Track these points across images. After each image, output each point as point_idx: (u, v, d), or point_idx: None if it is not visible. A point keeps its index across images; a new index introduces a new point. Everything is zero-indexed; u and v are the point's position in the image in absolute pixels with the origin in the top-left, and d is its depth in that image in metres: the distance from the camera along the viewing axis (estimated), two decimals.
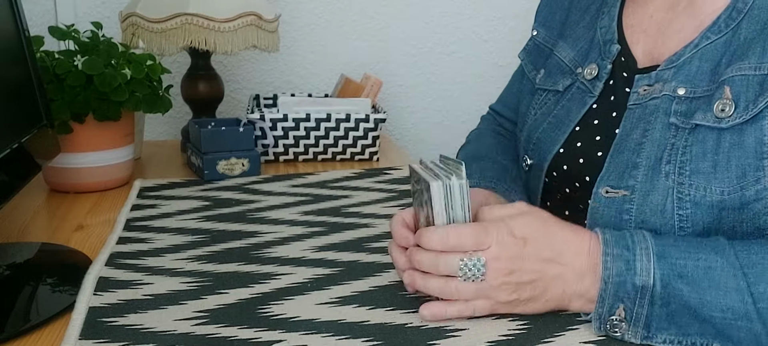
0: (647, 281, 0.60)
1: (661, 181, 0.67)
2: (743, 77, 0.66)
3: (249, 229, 0.89)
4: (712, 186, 0.65)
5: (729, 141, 0.65)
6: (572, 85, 0.82)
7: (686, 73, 0.71)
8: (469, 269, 0.62)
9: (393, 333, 0.62)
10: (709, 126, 0.66)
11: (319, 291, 0.71)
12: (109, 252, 0.81)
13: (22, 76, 0.87)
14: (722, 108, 0.66)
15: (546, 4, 0.93)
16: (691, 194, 0.66)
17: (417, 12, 1.58)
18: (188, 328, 0.63)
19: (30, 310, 0.69)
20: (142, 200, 1.01)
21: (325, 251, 0.82)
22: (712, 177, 0.65)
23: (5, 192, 0.78)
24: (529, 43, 0.93)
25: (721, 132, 0.65)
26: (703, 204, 0.65)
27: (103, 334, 0.62)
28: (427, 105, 1.65)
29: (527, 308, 0.64)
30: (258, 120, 1.19)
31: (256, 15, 1.19)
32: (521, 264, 0.63)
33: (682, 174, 0.66)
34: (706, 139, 0.66)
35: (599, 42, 0.81)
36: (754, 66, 0.66)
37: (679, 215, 0.66)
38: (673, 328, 0.60)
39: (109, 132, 1.05)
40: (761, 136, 0.64)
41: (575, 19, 0.87)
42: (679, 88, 0.70)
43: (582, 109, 0.79)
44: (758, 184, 0.63)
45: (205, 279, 0.74)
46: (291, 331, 0.63)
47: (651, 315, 0.60)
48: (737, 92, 0.66)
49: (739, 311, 0.58)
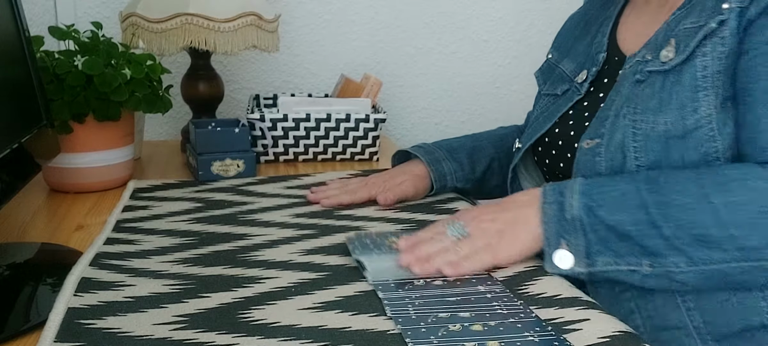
0: (575, 213, 0.73)
1: (621, 122, 0.80)
2: (685, 30, 0.79)
3: (238, 231, 0.89)
4: (658, 118, 0.77)
5: (671, 80, 0.78)
6: (568, 89, 0.95)
7: (653, 43, 0.83)
8: (453, 226, 0.79)
9: (373, 340, 0.61)
10: (656, 70, 0.79)
11: (302, 296, 0.70)
12: (95, 252, 0.80)
13: (22, 76, 0.87)
14: (666, 54, 0.79)
15: (561, 33, 1.08)
16: (642, 128, 0.78)
17: (417, 12, 1.58)
18: (166, 332, 0.62)
19: (30, 310, 0.69)
20: (135, 201, 1.00)
21: (313, 255, 0.81)
22: (659, 111, 0.77)
23: (5, 192, 0.78)
24: (544, 63, 1.07)
25: (666, 74, 0.78)
26: (652, 136, 0.77)
27: (80, 336, 0.61)
28: (427, 105, 1.65)
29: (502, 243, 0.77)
30: (258, 120, 1.19)
31: (256, 15, 1.19)
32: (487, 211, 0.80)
33: (637, 113, 0.79)
34: (655, 83, 0.79)
35: (592, 54, 0.95)
36: (694, 20, 0.79)
37: (634, 146, 0.78)
38: (607, 252, 0.72)
39: (109, 132, 1.05)
40: (694, 72, 0.76)
41: (580, 41, 1.01)
42: (647, 55, 0.83)
43: (568, 103, 0.93)
44: (696, 113, 0.75)
45: (189, 282, 0.73)
46: (269, 337, 0.61)
47: (589, 243, 0.72)
48: (678, 41, 0.79)
49: (644, 221, 0.70)
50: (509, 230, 0.77)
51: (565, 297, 0.69)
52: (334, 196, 1.01)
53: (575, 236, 0.73)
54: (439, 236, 0.79)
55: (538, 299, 0.69)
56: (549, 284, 0.72)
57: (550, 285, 0.72)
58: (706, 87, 0.75)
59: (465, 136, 1.12)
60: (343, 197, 1.01)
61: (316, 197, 1.01)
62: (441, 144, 1.08)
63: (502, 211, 0.79)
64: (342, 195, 1.01)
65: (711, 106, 0.75)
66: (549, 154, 0.94)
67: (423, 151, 1.06)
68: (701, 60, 0.76)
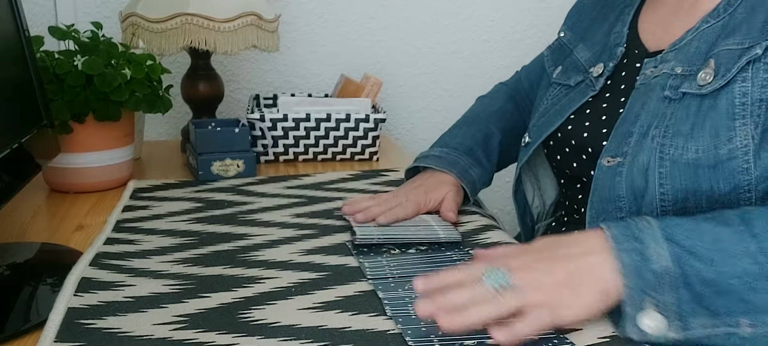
0: (664, 264, 0.60)
1: (647, 143, 0.73)
2: (728, 51, 0.72)
3: (239, 231, 0.89)
4: (688, 145, 0.70)
5: (707, 105, 0.71)
6: (582, 81, 0.90)
7: (685, 53, 0.77)
8: (494, 274, 0.62)
9: (373, 340, 0.61)
10: (692, 93, 0.72)
11: (302, 296, 0.70)
12: (95, 252, 0.80)
13: (22, 76, 0.87)
14: (704, 76, 0.72)
15: (576, 11, 1.02)
16: (670, 153, 0.71)
17: (417, 12, 1.58)
18: (166, 332, 0.62)
19: (30, 310, 0.69)
20: (135, 201, 1.00)
21: (313, 255, 0.81)
22: (690, 137, 0.70)
23: (5, 192, 0.78)
24: (554, 42, 1.02)
25: (703, 98, 0.72)
26: (680, 162, 0.70)
27: (80, 336, 0.61)
28: (427, 105, 1.65)
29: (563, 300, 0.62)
30: (258, 120, 1.19)
31: (256, 15, 1.19)
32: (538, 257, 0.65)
33: (666, 136, 0.72)
34: (690, 106, 0.72)
35: (610, 45, 0.89)
36: (739, 41, 0.72)
37: (659, 172, 0.71)
38: (703, 311, 0.59)
39: (109, 132, 1.05)
40: (733, 98, 0.69)
41: (597, 26, 0.95)
42: (677, 67, 0.76)
43: (581, 99, 0.87)
44: (730, 143, 0.68)
45: (189, 282, 0.73)
46: (269, 337, 0.61)
47: (680, 302, 0.59)
48: (719, 63, 0.72)
49: (755, 273, 0.59)
50: (572, 284, 0.62)
51: None
52: (388, 214, 0.89)
53: (664, 293, 0.60)
54: (472, 282, 0.63)
55: None
56: None
57: None
58: (745, 115, 0.69)
59: (466, 125, 1.05)
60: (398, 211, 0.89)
61: (364, 216, 0.89)
62: (456, 147, 1.00)
63: (558, 259, 0.64)
64: (396, 210, 0.90)
65: (748, 136, 0.68)
66: (561, 150, 0.89)
67: (446, 162, 0.97)
68: (740, 86, 0.70)
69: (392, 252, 0.81)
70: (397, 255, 0.80)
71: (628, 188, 0.74)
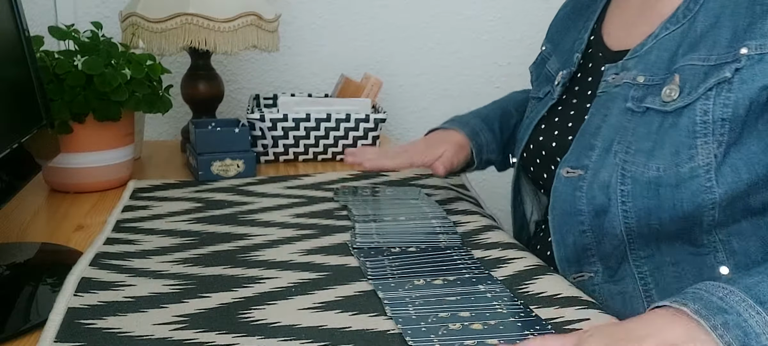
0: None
1: (610, 159, 0.73)
2: (692, 67, 0.71)
3: (239, 231, 0.89)
4: (650, 163, 0.70)
5: (669, 122, 0.70)
6: (550, 92, 0.90)
7: (646, 63, 0.76)
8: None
9: (373, 340, 0.61)
10: (656, 109, 0.72)
11: (302, 296, 0.70)
12: (95, 252, 0.80)
13: (22, 76, 0.87)
14: (669, 93, 0.71)
15: (554, 23, 1.02)
16: (631, 171, 0.71)
17: (417, 12, 1.58)
18: (166, 332, 0.62)
19: (30, 310, 0.69)
20: (135, 201, 1.00)
21: (314, 255, 0.81)
22: (651, 155, 0.70)
23: (5, 192, 0.78)
24: (538, 56, 1.01)
25: (666, 115, 0.71)
26: (641, 180, 0.70)
27: (80, 336, 0.61)
28: (427, 105, 1.65)
29: None
30: (258, 120, 1.19)
31: (256, 15, 1.19)
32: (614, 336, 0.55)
33: (628, 153, 0.72)
34: (653, 122, 0.71)
35: (573, 52, 0.89)
36: (703, 57, 0.71)
37: (621, 190, 0.71)
38: None
39: (109, 132, 1.05)
40: (694, 116, 0.69)
41: (568, 36, 0.94)
42: (638, 76, 0.76)
43: (542, 110, 0.88)
44: (692, 161, 0.68)
45: (189, 282, 0.73)
46: (270, 337, 0.61)
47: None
48: (684, 79, 0.71)
49: None
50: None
51: (564, 296, 0.69)
52: (374, 159, 0.96)
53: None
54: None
55: (538, 298, 0.69)
56: (549, 284, 0.72)
57: (550, 285, 0.72)
58: (706, 133, 0.68)
59: (492, 103, 1.08)
60: (384, 161, 0.96)
61: (355, 159, 0.97)
62: (474, 114, 1.04)
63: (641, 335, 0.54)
64: (382, 159, 0.96)
65: (710, 154, 0.67)
66: (533, 162, 0.88)
67: (458, 123, 1.02)
68: (702, 104, 0.69)
69: (393, 252, 0.81)
70: (397, 255, 0.80)
71: (589, 204, 0.74)
